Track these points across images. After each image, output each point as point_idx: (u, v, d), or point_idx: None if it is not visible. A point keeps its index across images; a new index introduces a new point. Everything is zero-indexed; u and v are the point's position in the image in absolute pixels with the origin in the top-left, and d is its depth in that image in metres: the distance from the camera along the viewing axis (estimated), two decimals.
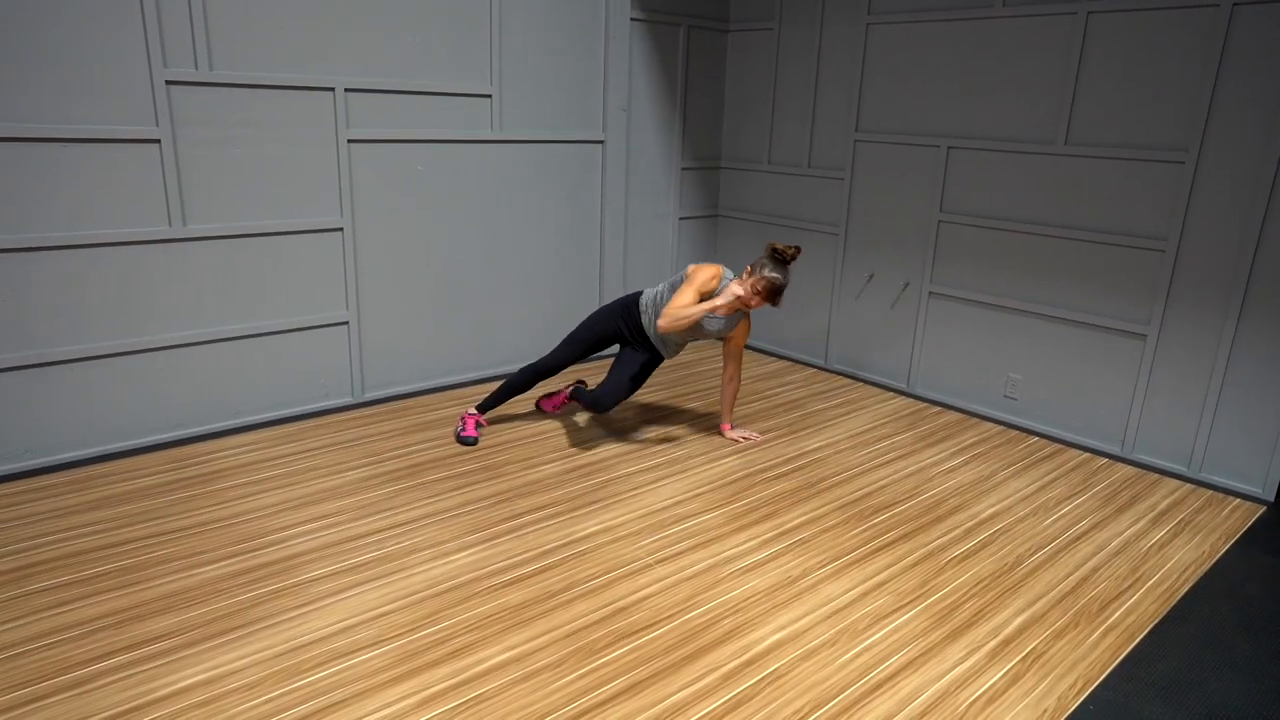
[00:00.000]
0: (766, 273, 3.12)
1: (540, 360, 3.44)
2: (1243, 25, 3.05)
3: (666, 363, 4.59)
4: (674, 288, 3.30)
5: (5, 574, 2.38)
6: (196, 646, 2.11)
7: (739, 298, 3.15)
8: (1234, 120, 3.11)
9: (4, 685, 1.95)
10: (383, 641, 2.15)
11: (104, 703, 1.91)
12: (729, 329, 3.35)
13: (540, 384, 3.82)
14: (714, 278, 3.21)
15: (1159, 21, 3.24)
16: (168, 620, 2.20)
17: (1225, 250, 3.19)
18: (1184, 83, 3.21)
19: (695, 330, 3.33)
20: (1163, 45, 3.25)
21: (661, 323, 3.18)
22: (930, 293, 4.14)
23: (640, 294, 3.44)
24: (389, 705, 1.93)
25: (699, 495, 3.03)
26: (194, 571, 2.43)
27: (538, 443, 3.43)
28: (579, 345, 3.43)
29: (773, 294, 3.14)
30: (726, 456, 3.38)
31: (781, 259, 3.15)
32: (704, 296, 3.21)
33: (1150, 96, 3.31)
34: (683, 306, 3.15)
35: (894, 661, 2.15)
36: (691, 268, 3.27)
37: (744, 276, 3.19)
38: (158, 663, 2.04)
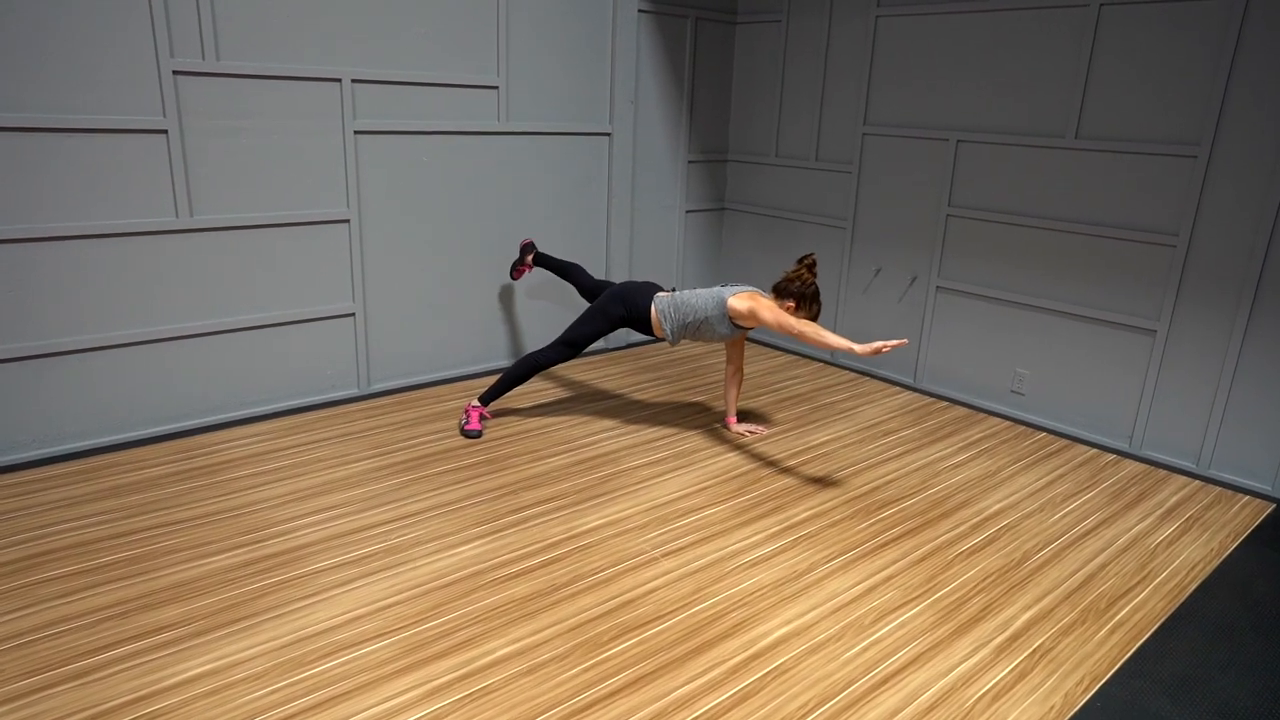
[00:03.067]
0: (816, 306, 3.31)
1: (540, 351, 3.42)
2: (1257, 18, 3.02)
3: (670, 357, 4.59)
4: (706, 309, 3.23)
5: (14, 563, 2.39)
6: (203, 636, 2.11)
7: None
8: (1247, 114, 3.08)
9: (13, 674, 1.96)
10: (388, 633, 2.15)
11: (112, 692, 1.92)
12: (739, 334, 3.34)
13: (539, 373, 3.82)
14: (779, 308, 3.21)
15: (1172, 14, 3.21)
16: (175, 610, 2.21)
17: (1237, 246, 3.16)
18: (1197, 76, 3.19)
19: (711, 334, 3.30)
20: (1175, 38, 3.22)
21: (795, 334, 3.03)
22: (938, 287, 4.12)
23: (642, 288, 3.39)
24: (394, 697, 1.93)
25: (704, 489, 3.03)
26: (201, 562, 2.43)
27: (542, 436, 3.42)
28: (582, 339, 3.40)
29: (819, 313, 3.36)
30: (732, 450, 3.37)
31: (813, 275, 3.29)
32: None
33: (1162, 90, 3.28)
34: (820, 339, 2.97)
35: (900, 656, 2.15)
36: (747, 298, 3.17)
37: (787, 304, 3.25)
38: (165, 652, 2.05)
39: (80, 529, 2.58)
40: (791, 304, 3.25)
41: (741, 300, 3.19)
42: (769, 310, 3.13)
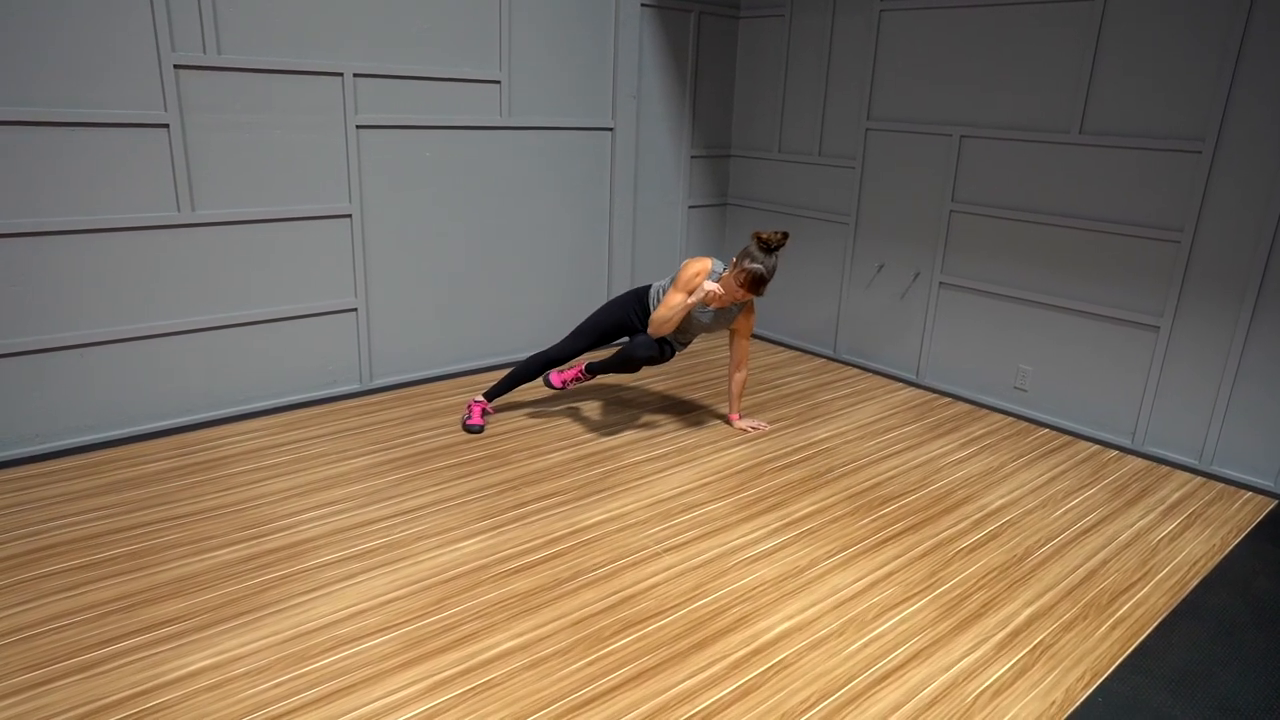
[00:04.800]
0: (748, 264, 3.04)
1: (550, 349, 3.43)
2: (1263, 13, 3.00)
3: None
4: (674, 282, 3.27)
5: (17, 557, 2.40)
6: (205, 631, 2.11)
7: (718, 292, 3.09)
8: (1252, 110, 3.07)
9: (16, 667, 1.96)
10: (390, 628, 2.16)
11: (114, 685, 1.92)
12: (728, 321, 3.33)
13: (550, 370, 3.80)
14: (700, 274, 3.16)
15: (1177, 8, 3.20)
16: (177, 604, 2.21)
17: (1241, 242, 3.15)
18: (1202, 71, 3.17)
19: (693, 326, 3.31)
20: (1181, 33, 3.21)
21: (650, 329, 3.21)
22: (941, 283, 4.11)
23: (651, 286, 3.43)
24: (396, 691, 1.93)
25: (706, 484, 3.03)
26: (202, 556, 2.44)
27: (544, 431, 3.42)
28: (590, 335, 3.41)
29: (754, 284, 3.07)
30: (734, 446, 3.37)
31: (767, 247, 3.07)
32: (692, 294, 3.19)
33: (1167, 85, 3.27)
34: (667, 308, 3.16)
35: (901, 652, 2.15)
36: (685, 263, 3.23)
37: (731, 268, 3.12)
38: (167, 646, 2.05)
39: (82, 524, 2.58)
40: (734, 260, 3.11)
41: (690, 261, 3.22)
42: (680, 280, 3.17)
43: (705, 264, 3.19)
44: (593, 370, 3.47)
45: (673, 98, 4.60)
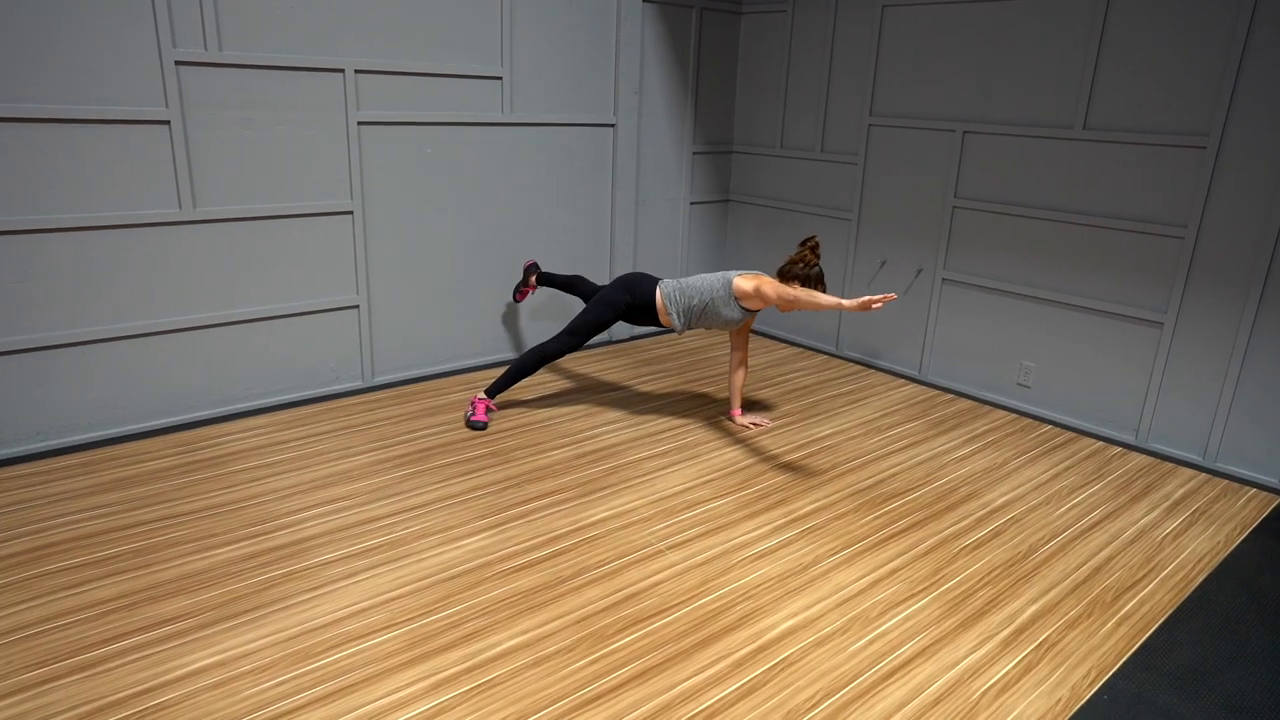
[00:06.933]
0: (822, 286, 3.32)
1: (549, 342, 3.42)
2: (1267, 8, 2.99)
3: (674, 350, 4.58)
4: (712, 290, 3.26)
5: (20, 554, 2.39)
6: (209, 629, 2.11)
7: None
8: (1257, 105, 3.05)
9: (19, 665, 1.96)
10: (394, 625, 2.15)
11: (117, 684, 1.92)
12: (745, 319, 3.35)
13: (546, 365, 3.80)
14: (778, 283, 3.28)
15: (1181, 3, 3.18)
16: (180, 602, 2.21)
17: (1246, 238, 3.14)
18: (1206, 66, 3.16)
19: (719, 319, 3.32)
20: (1185, 28, 3.19)
21: (785, 306, 3.20)
22: (943, 279, 4.10)
23: (647, 276, 3.40)
24: (400, 689, 1.93)
25: (709, 482, 3.02)
26: (205, 554, 2.43)
27: (547, 428, 3.42)
28: (587, 328, 3.40)
29: (818, 283, 3.36)
30: (737, 443, 3.37)
31: (816, 256, 3.32)
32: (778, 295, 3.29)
33: (1171, 80, 3.26)
34: (811, 295, 3.16)
35: (906, 650, 2.14)
36: (752, 278, 3.24)
37: (792, 285, 3.25)
38: (170, 645, 2.05)
39: (83, 522, 2.58)
40: (796, 285, 3.27)
41: (747, 280, 3.25)
42: (771, 285, 3.21)
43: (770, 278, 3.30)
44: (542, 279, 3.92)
45: (674, 94, 4.59)
